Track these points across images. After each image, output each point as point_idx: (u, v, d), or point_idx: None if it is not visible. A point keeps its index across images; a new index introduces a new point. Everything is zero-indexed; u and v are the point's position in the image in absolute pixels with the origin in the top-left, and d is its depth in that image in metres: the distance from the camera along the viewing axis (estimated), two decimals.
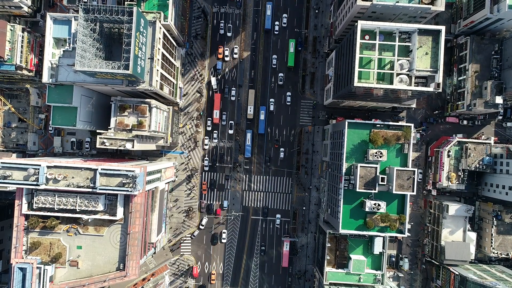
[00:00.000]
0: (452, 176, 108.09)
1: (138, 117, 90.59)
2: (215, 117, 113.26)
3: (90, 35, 77.81)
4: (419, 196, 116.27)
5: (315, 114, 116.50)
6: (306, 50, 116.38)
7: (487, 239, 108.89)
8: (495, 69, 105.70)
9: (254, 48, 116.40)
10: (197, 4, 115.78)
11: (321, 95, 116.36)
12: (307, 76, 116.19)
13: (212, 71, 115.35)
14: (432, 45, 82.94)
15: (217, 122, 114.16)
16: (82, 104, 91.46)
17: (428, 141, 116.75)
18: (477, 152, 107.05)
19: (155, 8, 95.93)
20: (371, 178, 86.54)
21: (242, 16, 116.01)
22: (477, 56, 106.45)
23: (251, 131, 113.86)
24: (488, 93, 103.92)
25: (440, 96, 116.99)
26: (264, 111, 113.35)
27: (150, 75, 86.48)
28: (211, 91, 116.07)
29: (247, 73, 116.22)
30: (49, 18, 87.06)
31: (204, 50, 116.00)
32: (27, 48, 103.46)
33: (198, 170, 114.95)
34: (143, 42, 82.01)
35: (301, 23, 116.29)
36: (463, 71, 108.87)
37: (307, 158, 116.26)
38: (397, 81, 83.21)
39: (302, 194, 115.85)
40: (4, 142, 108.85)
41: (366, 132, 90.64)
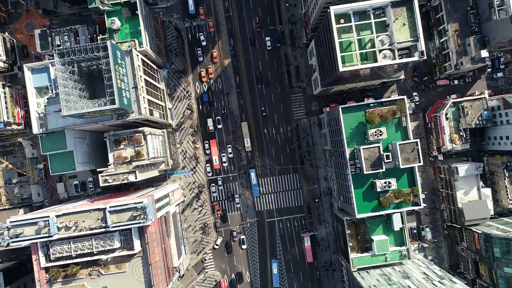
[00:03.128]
0: (455, 138, 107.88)
1: (135, 148, 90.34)
2: (215, 163, 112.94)
3: (70, 78, 77.54)
4: (427, 164, 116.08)
5: (307, 106, 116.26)
6: (285, 45, 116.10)
7: (502, 192, 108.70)
8: (474, 24, 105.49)
9: (234, 54, 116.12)
10: (169, 25, 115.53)
11: (309, 85, 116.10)
12: (291, 70, 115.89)
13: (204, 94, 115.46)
14: (407, 15, 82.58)
15: (219, 167, 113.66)
16: (77, 147, 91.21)
17: (424, 108, 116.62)
18: (474, 109, 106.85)
19: (128, 37, 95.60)
20: (376, 158, 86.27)
21: (215, 26, 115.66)
22: (454, 15, 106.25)
23: (254, 170, 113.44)
24: (472, 49, 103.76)
25: (426, 61, 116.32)
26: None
27: (137, 104, 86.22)
28: (201, 105, 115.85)
29: (232, 80, 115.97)
30: (27, 69, 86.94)
31: (185, 66, 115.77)
32: (11, 102, 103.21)
33: (204, 186, 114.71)
34: (124, 73, 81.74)
35: (274, 19, 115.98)
36: (443, 33, 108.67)
37: (308, 151, 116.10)
38: (381, 57, 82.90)
39: (312, 187, 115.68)
40: (9, 199, 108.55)
41: (361, 114, 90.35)
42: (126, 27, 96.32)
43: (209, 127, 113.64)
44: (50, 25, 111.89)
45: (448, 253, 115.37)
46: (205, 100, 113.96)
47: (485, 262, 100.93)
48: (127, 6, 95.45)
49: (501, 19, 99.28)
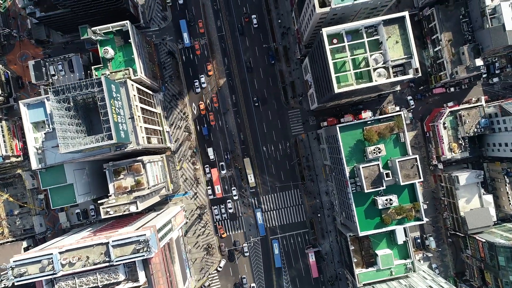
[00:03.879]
0: (454, 147, 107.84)
1: (134, 177, 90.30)
2: (217, 192, 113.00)
3: (66, 114, 77.48)
4: (427, 173, 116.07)
5: (305, 121, 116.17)
6: (279, 61, 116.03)
7: (504, 198, 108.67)
8: (468, 32, 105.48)
9: (228, 73, 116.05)
10: (162, 46, 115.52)
11: (305, 101, 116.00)
12: (287, 86, 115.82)
13: None
14: (400, 32, 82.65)
15: (221, 196, 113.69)
16: (77, 178, 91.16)
17: (421, 117, 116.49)
18: (472, 116, 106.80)
19: (122, 66, 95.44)
20: (376, 176, 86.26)
21: (209, 46, 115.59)
22: (447, 24, 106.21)
23: (259, 210, 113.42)
24: (466, 58, 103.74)
25: (421, 70, 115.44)
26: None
27: (135, 134, 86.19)
28: (198, 126, 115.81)
29: (228, 99, 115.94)
30: (22, 105, 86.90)
31: (181, 88, 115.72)
32: (9, 136, 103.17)
33: (206, 206, 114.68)
34: (120, 105, 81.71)
35: (267, 37, 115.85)
36: (437, 42, 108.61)
37: (308, 166, 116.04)
38: (376, 76, 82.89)
39: (313, 202, 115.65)
40: (12, 231, 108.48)
41: (359, 132, 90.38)
42: (120, 55, 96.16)
43: (210, 156, 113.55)
44: (43, 54, 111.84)
45: (453, 261, 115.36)
46: (205, 133, 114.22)
47: (490, 270, 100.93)
48: (120, 35, 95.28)
49: (494, 27, 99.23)
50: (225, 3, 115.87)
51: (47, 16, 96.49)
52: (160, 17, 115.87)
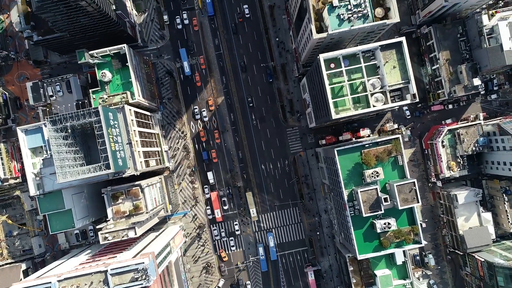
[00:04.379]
0: (452, 165, 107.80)
1: (133, 201, 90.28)
2: (217, 216, 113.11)
3: (64, 143, 77.51)
4: (426, 190, 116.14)
5: (303, 139, 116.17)
6: (277, 79, 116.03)
7: (502, 215, 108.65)
8: (465, 51, 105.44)
9: (226, 91, 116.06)
10: (160, 66, 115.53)
11: (303, 118, 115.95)
12: (285, 104, 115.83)
13: None
14: (397, 57, 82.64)
15: (221, 220, 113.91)
16: (75, 203, 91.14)
17: (419, 134, 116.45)
18: (470, 135, 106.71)
19: (119, 89, 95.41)
20: (375, 200, 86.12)
21: (207, 64, 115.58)
22: (444, 43, 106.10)
23: (262, 245, 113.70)
24: (464, 77, 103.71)
25: (419, 87, 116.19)
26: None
27: (133, 160, 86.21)
28: (197, 144, 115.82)
29: (226, 117, 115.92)
30: (20, 131, 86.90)
31: (179, 107, 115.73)
32: (7, 158, 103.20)
33: (205, 225, 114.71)
34: (117, 132, 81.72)
35: (265, 55, 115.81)
36: (435, 60, 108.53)
37: (307, 184, 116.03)
38: (373, 101, 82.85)
39: (312, 220, 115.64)
40: (11, 252, 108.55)
41: (357, 155, 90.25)
42: (117, 78, 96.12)
43: (210, 180, 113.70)
44: (41, 74, 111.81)
45: (452, 278, 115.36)
46: (204, 158, 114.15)
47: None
48: (117, 58, 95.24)
49: (491, 47, 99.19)
50: (222, 21, 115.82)
51: (45, 40, 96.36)
52: (158, 36, 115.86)
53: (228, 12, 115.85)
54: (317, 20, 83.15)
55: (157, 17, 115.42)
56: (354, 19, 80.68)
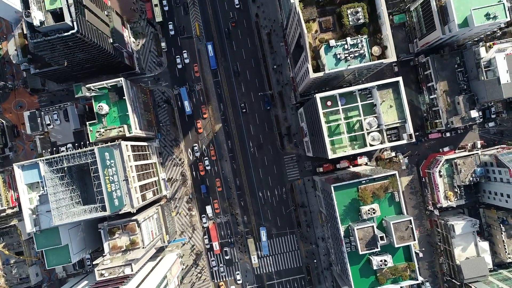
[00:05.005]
0: (450, 195, 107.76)
1: (129, 236, 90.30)
2: (216, 249, 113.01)
3: (60, 183, 77.53)
4: (423, 217, 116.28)
5: (301, 166, 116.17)
6: (275, 107, 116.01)
7: (500, 245, 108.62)
8: (463, 81, 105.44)
9: (224, 118, 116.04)
10: (157, 93, 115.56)
11: (301, 146, 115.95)
12: (283, 132, 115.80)
13: None
14: (394, 97, 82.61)
15: (219, 253, 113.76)
16: (72, 237, 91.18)
17: (417, 161, 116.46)
18: (467, 165, 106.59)
19: (116, 121, 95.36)
20: (371, 237, 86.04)
21: (204, 92, 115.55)
22: (442, 73, 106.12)
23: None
24: (462, 109, 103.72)
25: (417, 114, 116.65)
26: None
27: (129, 196, 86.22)
28: (194, 172, 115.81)
29: (224, 145, 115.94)
30: (17, 167, 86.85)
31: (177, 134, 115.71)
32: (4, 188, 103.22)
33: (202, 252, 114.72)
34: (114, 171, 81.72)
35: (263, 82, 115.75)
36: (432, 90, 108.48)
37: (305, 211, 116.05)
38: (370, 140, 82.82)
39: (310, 247, 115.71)
40: (8, 280, 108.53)
41: (353, 190, 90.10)
42: (115, 111, 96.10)
43: (208, 214, 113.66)
44: (39, 102, 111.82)
45: None
46: (203, 191, 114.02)
47: None
48: (114, 90, 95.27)
49: (489, 80, 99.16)
50: (220, 49, 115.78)
51: (42, 72, 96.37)
52: (156, 63, 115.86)
53: (226, 39, 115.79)
54: (313, 58, 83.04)
55: (155, 44, 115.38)
56: (351, 59, 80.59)
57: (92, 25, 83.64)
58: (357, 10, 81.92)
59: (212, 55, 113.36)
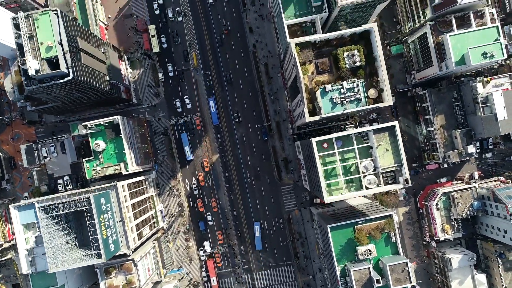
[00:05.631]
0: (447, 228, 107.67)
1: (125, 275, 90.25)
2: (213, 284, 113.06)
3: (56, 229, 77.46)
4: (420, 248, 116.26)
5: (298, 197, 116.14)
6: (272, 137, 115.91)
7: (496, 278, 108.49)
8: (460, 116, 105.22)
9: (221, 149, 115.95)
10: (155, 123, 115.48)
11: (298, 176, 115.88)
12: (280, 162, 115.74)
13: None
14: (390, 140, 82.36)
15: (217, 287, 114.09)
16: (68, 277, 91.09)
17: (414, 192, 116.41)
18: (464, 199, 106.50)
19: (113, 158, 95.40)
20: (367, 279, 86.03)
21: (202, 123, 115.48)
22: (439, 107, 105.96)
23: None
24: (459, 143, 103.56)
25: (415, 145, 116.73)
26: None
27: (125, 237, 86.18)
28: (191, 202, 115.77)
29: (221, 175, 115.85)
30: (13, 208, 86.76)
31: (174, 165, 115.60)
32: (1, 222, 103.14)
33: (199, 283, 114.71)
34: (109, 216, 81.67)
35: (260, 113, 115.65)
36: (430, 123, 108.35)
37: (302, 242, 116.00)
38: (366, 183, 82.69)
39: (307, 278, 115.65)
40: None
41: (350, 230, 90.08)
42: (111, 147, 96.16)
43: (207, 249, 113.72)
44: (36, 133, 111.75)
45: None
46: (201, 228, 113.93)
47: None
48: (111, 127, 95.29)
49: (486, 116, 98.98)
50: (218, 79, 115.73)
51: (39, 109, 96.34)
52: (153, 93, 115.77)
53: (224, 69, 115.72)
54: (310, 100, 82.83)
55: (152, 75, 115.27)
56: (347, 103, 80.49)
57: (88, 67, 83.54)
58: (354, 53, 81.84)
59: (214, 110, 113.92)
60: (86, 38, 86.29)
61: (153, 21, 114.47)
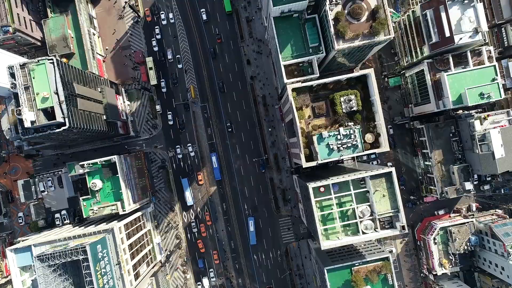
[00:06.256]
0: (445, 263, 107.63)
1: None
2: None
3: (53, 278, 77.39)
4: (418, 280, 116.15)
5: (296, 229, 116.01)
6: (270, 169, 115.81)
7: None
8: (458, 151, 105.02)
9: (219, 181, 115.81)
10: (152, 155, 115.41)
11: (296, 209, 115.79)
12: (278, 194, 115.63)
13: None
14: (387, 186, 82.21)
15: None
16: None
17: (412, 224, 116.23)
18: (462, 233, 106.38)
19: (110, 196, 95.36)
20: None
21: (199, 155, 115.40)
22: (437, 142, 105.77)
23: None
24: (457, 179, 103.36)
25: (412, 176, 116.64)
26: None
27: (122, 281, 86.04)
28: (189, 234, 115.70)
29: (219, 207, 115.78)
30: (9, 251, 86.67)
31: (171, 197, 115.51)
32: None
33: None
34: (106, 261, 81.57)
35: (258, 145, 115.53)
36: (427, 157, 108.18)
37: (299, 274, 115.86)
38: (363, 228, 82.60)
39: None
40: None
41: (347, 271, 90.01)
42: (108, 185, 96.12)
43: (205, 286, 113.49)
44: (33, 166, 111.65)
45: None
46: (200, 266, 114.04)
47: None
48: (108, 166, 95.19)
49: (483, 154, 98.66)
50: (215, 110, 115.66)
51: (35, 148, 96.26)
52: (151, 125, 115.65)
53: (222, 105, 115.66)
54: (306, 145, 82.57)
55: (150, 107, 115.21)
56: (343, 149, 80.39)
57: (84, 111, 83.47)
58: (350, 98, 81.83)
59: (217, 166, 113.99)
60: (83, 81, 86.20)
61: (150, 53, 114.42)
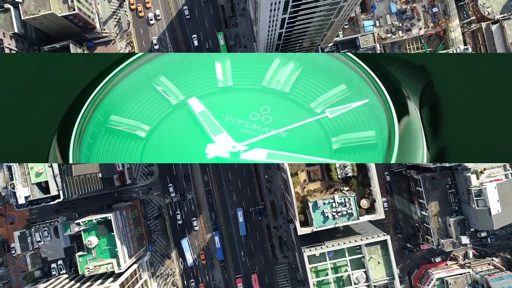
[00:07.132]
0: None
1: None
2: None
3: None
4: None
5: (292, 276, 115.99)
6: (266, 216, 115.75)
7: None
8: (454, 203, 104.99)
9: (215, 227, 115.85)
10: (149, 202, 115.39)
11: (293, 255, 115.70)
12: (274, 241, 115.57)
13: None
14: (382, 253, 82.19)
15: None
16: None
17: (409, 270, 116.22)
18: (459, 285, 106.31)
19: (106, 254, 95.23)
20: None
21: (195, 201, 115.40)
22: (433, 193, 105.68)
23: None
24: (453, 232, 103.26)
25: (409, 223, 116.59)
26: None
27: None
28: (186, 281, 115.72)
29: (215, 254, 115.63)
30: None
31: (168, 243, 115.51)
32: None
33: None
34: None
35: (255, 192, 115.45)
36: (424, 207, 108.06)
37: None
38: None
39: None
40: None
41: None
42: (104, 242, 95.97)
43: None
44: (29, 215, 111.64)
45: None
46: None
47: None
48: (103, 223, 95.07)
49: (480, 210, 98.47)
50: None
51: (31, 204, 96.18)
52: (147, 172, 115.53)
53: None
54: (301, 210, 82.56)
55: None
56: (338, 217, 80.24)
57: (80, 176, 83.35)
58: (345, 165, 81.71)
59: (219, 246, 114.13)
60: None
61: None
